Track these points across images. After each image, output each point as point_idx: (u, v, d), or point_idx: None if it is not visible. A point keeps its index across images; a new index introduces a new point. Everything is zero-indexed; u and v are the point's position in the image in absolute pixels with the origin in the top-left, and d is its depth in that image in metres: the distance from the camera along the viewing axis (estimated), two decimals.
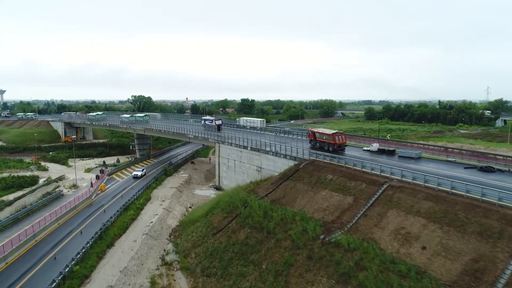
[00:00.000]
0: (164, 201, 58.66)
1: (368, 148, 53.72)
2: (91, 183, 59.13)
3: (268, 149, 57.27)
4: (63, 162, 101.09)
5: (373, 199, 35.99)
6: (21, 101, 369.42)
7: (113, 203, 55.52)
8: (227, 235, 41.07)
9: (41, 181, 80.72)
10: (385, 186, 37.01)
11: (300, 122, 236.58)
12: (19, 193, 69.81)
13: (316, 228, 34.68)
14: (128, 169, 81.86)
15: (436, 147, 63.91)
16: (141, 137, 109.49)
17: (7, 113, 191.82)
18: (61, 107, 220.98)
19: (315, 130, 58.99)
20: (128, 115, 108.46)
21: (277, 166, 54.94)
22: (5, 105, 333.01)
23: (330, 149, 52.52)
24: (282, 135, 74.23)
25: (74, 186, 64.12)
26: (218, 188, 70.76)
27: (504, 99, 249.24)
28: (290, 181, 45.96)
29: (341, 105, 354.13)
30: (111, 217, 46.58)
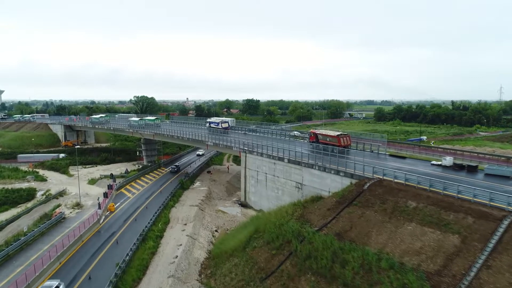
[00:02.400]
0: (186, 224, 48.84)
1: (439, 163, 43.97)
2: (99, 204, 48.86)
3: (312, 162, 47.49)
4: (64, 170, 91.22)
5: (493, 241, 26.24)
6: (19, 101, 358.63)
7: (126, 229, 45.62)
8: (282, 282, 31.27)
9: (38, 194, 70.88)
10: (505, 222, 27.26)
11: (309, 123, 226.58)
12: (13, 211, 59.96)
13: (424, 284, 24.89)
14: (138, 181, 71.83)
15: (494, 157, 54.59)
16: (149, 142, 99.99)
17: (4, 115, 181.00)
18: (61, 108, 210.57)
19: (318, 132, 58.38)
20: (137, 118, 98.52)
21: (326, 184, 45.23)
22: (3, 106, 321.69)
23: (335, 151, 48.47)
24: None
25: (78, 205, 54.11)
26: (244, 204, 61.03)
27: None
28: (355, 207, 36.16)
29: (349, 105, 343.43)
30: (127, 254, 36.60)
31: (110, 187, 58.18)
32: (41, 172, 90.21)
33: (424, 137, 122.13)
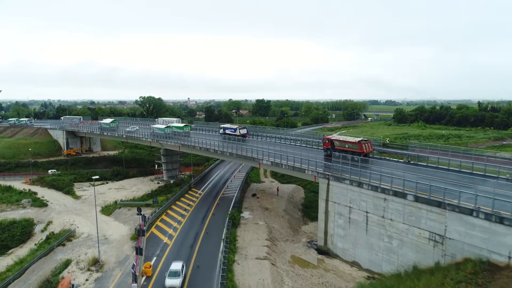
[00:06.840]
0: None
1: None
2: (134, 275, 30.17)
3: (467, 205, 30.19)
4: (68, 189, 73.96)
5: None
6: (16, 101, 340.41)
7: None
8: None
9: (37, 230, 54.01)
10: None
11: (329, 126, 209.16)
12: (1, 263, 42.79)
13: None
14: (169, 212, 54.04)
15: None
16: (170, 154, 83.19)
17: None
18: (61, 110, 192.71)
19: (334, 138, 54.62)
20: (162, 126, 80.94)
21: (500, 243, 28.06)
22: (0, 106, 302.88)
23: (356, 158, 44.64)
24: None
25: (96, 263, 36.59)
26: (324, 251, 43.76)
27: None
28: None
29: (364, 106, 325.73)
30: None
31: (141, 233, 39.67)
32: (40, 192, 72.93)
33: None
